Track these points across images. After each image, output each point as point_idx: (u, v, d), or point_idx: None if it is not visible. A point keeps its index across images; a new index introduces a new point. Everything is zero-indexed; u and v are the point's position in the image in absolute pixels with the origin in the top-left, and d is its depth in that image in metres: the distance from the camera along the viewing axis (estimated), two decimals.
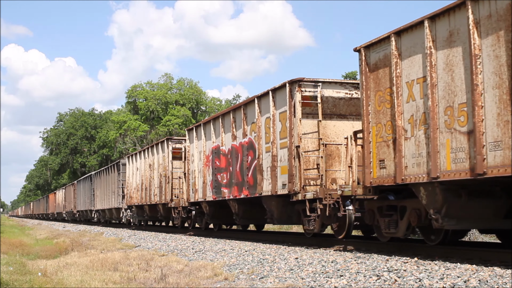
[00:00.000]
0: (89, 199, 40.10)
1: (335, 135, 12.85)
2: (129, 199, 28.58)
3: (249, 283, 8.22)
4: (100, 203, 36.43)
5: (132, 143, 55.73)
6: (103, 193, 35.38)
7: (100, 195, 36.49)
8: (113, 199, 31.96)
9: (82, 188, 43.93)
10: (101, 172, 36.74)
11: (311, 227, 12.53)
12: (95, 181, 38.47)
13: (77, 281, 8.90)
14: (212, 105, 59.62)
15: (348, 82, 13.37)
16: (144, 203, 25.84)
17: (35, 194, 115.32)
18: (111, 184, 33.08)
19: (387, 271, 7.83)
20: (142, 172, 26.56)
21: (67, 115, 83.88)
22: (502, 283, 6.51)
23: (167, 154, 22.80)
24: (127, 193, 29.19)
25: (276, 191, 13.28)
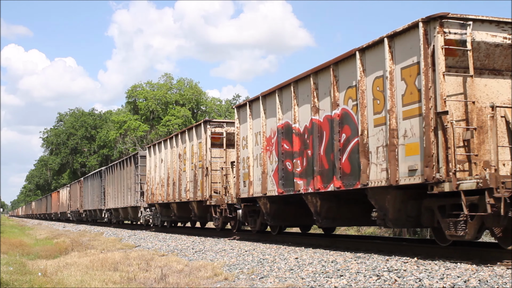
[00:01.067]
0: (99, 197, 36.44)
1: (486, 99, 9.09)
2: (151, 196, 24.71)
3: (249, 283, 8.22)
4: (112, 202, 32.57)
5: (132, 143, 55.70)
6: (116, 190, 31.54)
7: (112, 192, 32.64)
8: (129, 196, 28.07)
9: (90, 186, 40.05)
10: (114, 167, 32.55)
11: (459, 232, 8.58)
12: (106, 177, 34.62)
13: (77, 281, 8.90)
14: (212, 105, 59.59)
15: (509, 22, 9.21)
16: (171, 201, 21.85)
17: (35, 194, 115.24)
18: (126, 179, 29.14)
19: (387, 271, 7.82)
20: (169, 164, 22.42)
21: (67, 115, 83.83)
22: (502, 283, 6.51)
23: (204, 141, 18.60)
24: (148, 189, 25.31)
25: (396, 179, 9.38)
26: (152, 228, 26.06)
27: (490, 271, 7.24)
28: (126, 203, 28.79)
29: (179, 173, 20.97)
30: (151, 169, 24.89)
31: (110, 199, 33.23)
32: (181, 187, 20.73)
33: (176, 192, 21.30)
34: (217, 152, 18.59)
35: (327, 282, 7.55)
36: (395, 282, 7.13)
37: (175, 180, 21.42)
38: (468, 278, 6.81)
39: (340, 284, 7.38)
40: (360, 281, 7.42)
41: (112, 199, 32.52)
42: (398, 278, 7.29)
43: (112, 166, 33.13)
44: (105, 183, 34.93)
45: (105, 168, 35.81)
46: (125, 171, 29.43)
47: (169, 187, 22.13)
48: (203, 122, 18.79)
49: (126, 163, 29.45)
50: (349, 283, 7.38)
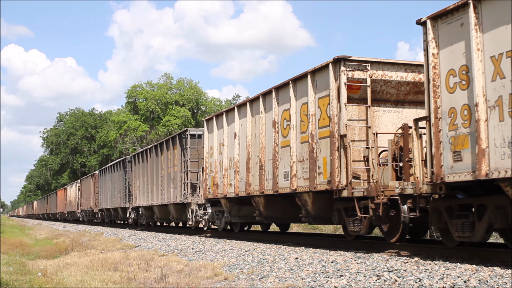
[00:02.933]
0: (122, 193, 30.12)
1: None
2: (212, 189, 17.65)
3: (249, 283, 8.22)
4: (143, 198, 26.01)
5: (132, 143, 55.71)
6: (149, 183, 25.25)
7: (142, 186, 26.36)
8: (172, 190, 21.78)
9: (109, 179, 33.78)
10: (145, 154, 26.20)
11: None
12: (133, 167, 28.40)
13: (77, 281, 8.90)
14: (212, 105, 59.60)
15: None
16: (255, 193, 14.77)
17: (35, 194, 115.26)
18: (166, 168, 22.76)
19: (387, 271, 7.82)
20: (250, 140, 15.24)
21: (67, 115, 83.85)
22: (502, 283, 6.51)
23: (334, 92, 11.37)
24: (207, 179, 18.19)
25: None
26: (207, 233, 19.42)
27: (490, 271, 7.24)
28: (167, 199, 22.41)
29: (274, 150, 13.79)
30: (213, 151, 17.62)
31: (139, 195, 26.81)
32: (277, 172, 13.69)
33: (266, 180, 14.30)
34: (354, 111, 11.54)
35: (327, 282, 7.55)
36: (395, 282, 7.13)
37: (263, 161, 14.39)
38: (468, 278, 6.81)
39: (340, 284, 7.38)
40: (360, 281, 7.42)
41: (143, 194, 26.20)
42: (398, 278, 7.29)
43: (142, 153, 26.77)
44: (130, 175, 28.80)
45: (132, 156, 29.34)
46: (165, 157, 23.07)
47: (250, 173, 15.14)
48: (332, 61, 11.41)
49: (167, 146, 22.86)
50: (349, 283, 7.38)
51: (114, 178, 32.77)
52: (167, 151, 23.06)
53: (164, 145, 23.46)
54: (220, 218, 17.91)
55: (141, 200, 26.62)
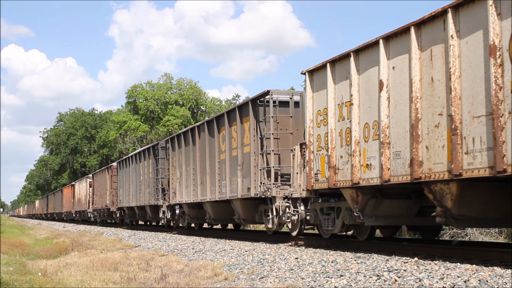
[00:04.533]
0: (152, 187, 24.27)
1: None
2: (330, 174, 11.25)
3: (249, 283, 8.22)
4: (187, 193, 19.82)
5: (132, 143, 55.72)
6: (197, 172, 18.93)
7: (187, 177, 19.94)
8: (240, 181, 15.57)
9: (133, 172, 27.86)
10: (189, 135, 19.64)
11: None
12: (171, 154, 21.76)
13: (77, 281, 8.90)
14: (212, 105, 59.61)
15: None
16: (442, 175, 8.51)
17: (35, 194, 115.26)
18: (228, 150, 16.48)
19: (387, 271, 7.83)
20: (418, 89, 9.10)
21: (67, 115, 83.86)
22: (502, 283, 6.51)
23: None
24: (315, 159, 11.92)
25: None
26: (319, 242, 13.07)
27: (490, 271, 7.24)
28: (231, 192, 16.20)
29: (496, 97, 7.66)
30: (327, 115, 11.48)
31: (180, 189, 20.64)
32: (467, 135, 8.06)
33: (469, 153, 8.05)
34: None
35: (327, 282, 7.55)
36: (395, 282, 7.13)
37: (459, 120, 8.26)
38: (468, 278, 6.81)
39: (340, 284, 7.38)
40: (360, 281, 7.42)
41: (186, 188, 20.03)
42: (398, 278, 7.29)
43: (186, 134, 20.17)
44: (165, 165, 22.96)
45: (168, 139, 22.44)
46: (226, 135, 16.65)
47: (420, 144, 9.05)
48: None
49: (228, 119, 16.45)
50: (349, 283, 7.38)
51: (139, 170, 26.53)
52: (229, 127, 16.45)
53: (224, 119, 16.64)
54: (332, 218, 11.81)
55: (184, 195, 20.08)
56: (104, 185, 34.66)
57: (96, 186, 37.84)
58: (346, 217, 11.25)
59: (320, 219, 12.19)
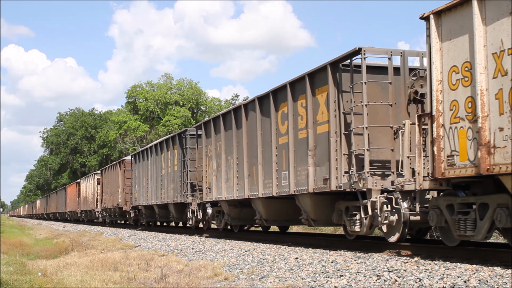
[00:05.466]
0: (177, 182, 20.72)
1: None
2: (482, 154, 7.81)
3: (249, 283, 8.22)
4: (228, 188, 16.18)
5: (132, 143, 55.73)
6: (244, 162, 15.18)
7: (227, 169, 16.32)
8: (312, 170, 12.02)
9: (152, 165, 24.09)
10: (232, 116, 15.87)
11: None
12: (204, 142, 18.10)
13: (77, 281, 8.90)
14: (212, 105, 59.62)
15: None
16: None
17: (35, 194, 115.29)
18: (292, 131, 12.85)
19: (387, 271, 7.83)
20: None
21: (67, 115, 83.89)
22: (502, 283, 6.51)
23: None
24: (451, 135, 8.48)
25: None
26: None
27: (490, 271, 7.24)
28: (297, 185, 12.61)
29: None
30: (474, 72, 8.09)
31: (217, 183, 16.88)
32: None
33: None
34: None
35: (327, 282, 7.56)
36: (395, 282, 7.13)
37: None
38: (468, 278, 6.81)
39: (340, 284, 7.38)
40: (360, 281, 7.42)
41: (226, 182, 16.29)
42: (398, 278, 7.29)
43: (226, 116, 16.47)
44: (195, 155, 19.47)
45: (201, 124, 18.51)
46: (282, 115, 13.31)
47: None
48: None
49: (292, 92, 12.79)
50: (349, 283, 7.38)
51: (161, 163, 22.92)
52: (294, 102, 12.70)
53: (285, 92, 12.90)
54: (472, 219, 8.47)
55: (223, 190, 16.39)
56: (115, 182, 31.05)
57: (105, 183, 34.16)
58: (500, 217, 7.84)
59: (449, 221, 8.79)
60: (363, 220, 10.74)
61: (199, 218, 19.04)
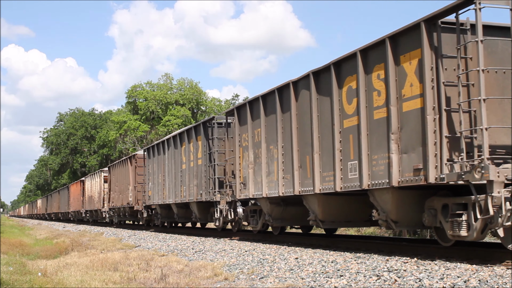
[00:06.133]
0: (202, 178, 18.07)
1: None
2: None
3: (249, 283, 8.22)
4: (277, 182, 13.16)
5: (132, 143, 55.73)
6: (303, 150, 12.25)
7: (268, 158, 13.78)
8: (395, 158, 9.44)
9: (170, 159, 21.49)
10: (271, 98, 13.55)
11: None
12: (235, 130, 15.63)
13: (77, 281, 8.90)
14: (212, 105, 59.64)
15: None
16: None
17: (35, 194, 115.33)
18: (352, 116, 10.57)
19: (387, 271, 7.83)
20: None
21: (67, 115, 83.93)
22: (502, 283, 6.51)
23: None
24: None
25: None
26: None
27: (490, 271, 7.24)
28: (371, 177, 10.05)
29: None
30: None
31: (256, 177, 14.31)
32: None
33: None
34: None
35: (327, 282, 7.56)
36: (395, 282, 7.13)
37: None
38: (468, 278, 6.81)
39: (340, 284, 7.38)
40: (360, 281, 7.42)
41: (267, 176, 13.76)
42: (398, 278, 7.29)
43: (267, 97, 13.81)
44: (223, 146, 17.22)
45: (233, 109, 15.76)
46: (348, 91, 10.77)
47: None
48: None
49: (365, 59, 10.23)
50: (349, 283, 7.38)
51: (180, 156, 20.44)
52: (366, 75, 10.19)
53: (356, 62, 10.33)
54: None
55: (263, 186, 13.84)
56: (125, 179, 28.56)
57: (113, 181, 31.62)
58: None
59: None
60: (473, 221, 8.33)
61: (230, 219, 16.62)
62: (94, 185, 37.32)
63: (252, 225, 15.57)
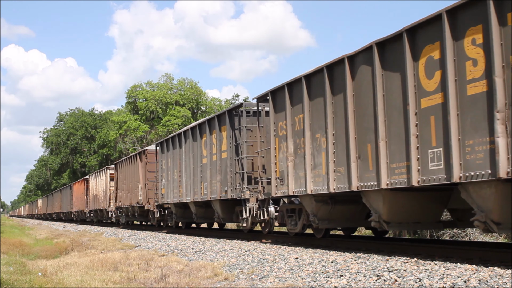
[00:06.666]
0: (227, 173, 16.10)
1: None
2: None
3: (249, 283, 8.22)
4: (327, 176, 11.12)
5: (132, 143, 55.74)
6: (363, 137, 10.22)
7: (319, 150, 11.55)
8: None
9: (187, 153, 19.56)
10: (319, 77, 11.43)
11: None
12: (274, 117, 13.38)
13: (77, 281, 8.91)
14: (212, 105, 59.66)
15: None
16: None
17: (35, 194, 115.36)
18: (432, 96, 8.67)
19: (387, 271, 7.83)
20: None
21: (67, 115, 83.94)
22: (502, 283, 6.51)
23: None
24: None
25: None
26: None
27: (490, 271, 7.24)
28: None
29: None
30: None
31: (297, 171, 12.46)
32: None
33: None
34: None
35: (327, 282, 7.56)
36: (395, 282, 7.13)
37: None
38: (468, 278, 6.81)
39: (340, 284, 7.38)
40: (360, 281, 7.42)
41: (320, 167, 11.54)
42: (398, 278, 7.29)
43: (311, 78, 11.92)
44: (254, 137, 15.32)
45: (268, 93, 13.65)
46: None
47: None
48: None
49: None
50: (349, 283, 7.39)
51: (200, 149, 18.47)
52: (454, 41, 8.33)
53: (442, 24, 8.41)
54: None
55: (307, 181, 11.84)
56: (134, 177, 26.65)
57: (121, 179, 29.70)
58: None
59: None
60: None
61: (261, 219, 14.66)
62: (99, 183, 35.53)
63: (290, 226, 13.62)
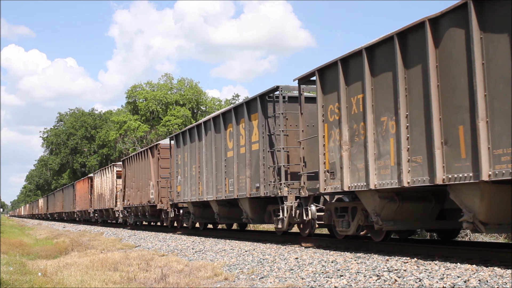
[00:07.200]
0: (259, 168, 13.90)
1: None
2: None
3: (249, 283, 8.22)
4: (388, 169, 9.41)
5: (132, 143, 55.73)
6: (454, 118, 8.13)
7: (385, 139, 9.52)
8: None
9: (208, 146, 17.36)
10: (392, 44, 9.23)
11: None
12: (323, 99, 11.28)
13: (77, 281, 8.91)
14: (212, 105, 59.65)
15: None
16: None
17: (35, 194, 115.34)
18: None
19: (387, 271, 7.83)
20: None
21: (67, 115, 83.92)
22: (502, 283, 6.51)
23: None
24: None
25: None
26: None
27: (490, 271, 7.24)
28: None
29: None
30: None
31: (354, 163, 10.33)
32: None
33: None
34: None
35: (327, 282, 7.55)
36: (395, 282, 7.13)
37: None
38: (468, 278, 6.81)
39: (340, 284, 7.38)
40: (360, 281, 7.42)
41: (386, 157, 9.54)
42: (398, 278, 7.29)
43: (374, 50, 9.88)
44: (290, 125, 13.75)
45: (315, 72, 11.49)
46: None
47: None
48: None
49: None
50: (349, 283, 7.38)
51: (223, 142, 16.30)
52: None
53: None
54: None
55: (370, 175, 9.84)
56: (144, 174, 24.60)
57: (129, 176, 27.72)
58: None
59: None
60: None
61: (302, 219, 12.74)
62: (105, 181, 33.34)
63: (341, 228, 11.50)
